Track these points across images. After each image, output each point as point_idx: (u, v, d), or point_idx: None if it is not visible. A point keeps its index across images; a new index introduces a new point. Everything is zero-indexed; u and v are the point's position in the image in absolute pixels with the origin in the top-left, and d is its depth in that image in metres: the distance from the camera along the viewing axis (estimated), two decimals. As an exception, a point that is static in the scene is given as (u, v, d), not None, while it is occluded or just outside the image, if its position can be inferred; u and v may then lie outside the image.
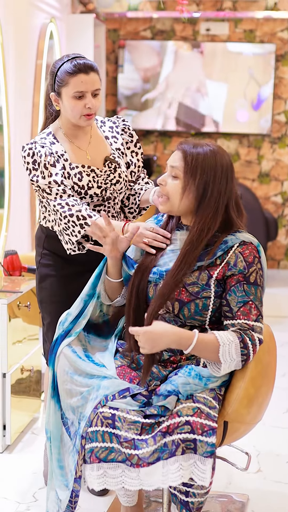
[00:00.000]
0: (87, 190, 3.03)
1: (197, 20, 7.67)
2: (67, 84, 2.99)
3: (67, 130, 3.10)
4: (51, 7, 6.46)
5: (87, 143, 3.12)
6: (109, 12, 7.64)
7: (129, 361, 2.72)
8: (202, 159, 2.63)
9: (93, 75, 3.01)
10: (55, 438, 2.72)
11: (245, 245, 2.64)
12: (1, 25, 5.01)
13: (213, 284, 2.62)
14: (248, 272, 2.60)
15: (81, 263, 3.11)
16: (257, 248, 2.67)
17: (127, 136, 3.22)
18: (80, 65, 2.98)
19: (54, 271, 3.18)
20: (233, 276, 2.61)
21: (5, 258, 4.19)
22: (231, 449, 2.88)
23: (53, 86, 3.06)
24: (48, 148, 3.00)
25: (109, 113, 7.87)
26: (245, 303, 2.59)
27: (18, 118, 5.46)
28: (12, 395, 3.67)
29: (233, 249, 2.63)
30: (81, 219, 2.93)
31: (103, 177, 3.07)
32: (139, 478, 2.44)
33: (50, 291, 3.20)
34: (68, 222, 2.95)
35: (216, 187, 2.62)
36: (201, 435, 2.40)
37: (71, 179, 3.02)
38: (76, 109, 3.00)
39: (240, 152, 7.81)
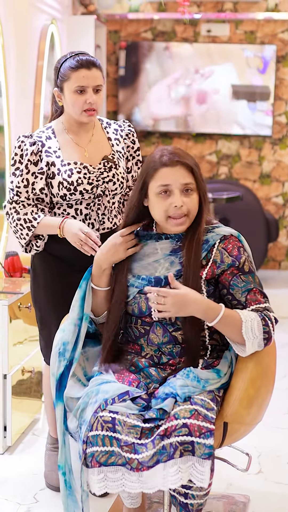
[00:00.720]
0: (76, 186, 3.04)
1: (198, 22, 7.67)
2: (69, 79, 3.03)
3: (69, 126, 3.14)
4: (52, 9, 6.46)
5: (87, 140, 3.14)
6: (110, 13, 7.64)
7: (128, 364, 2.71)
8: (196, 163, 2.65)
9: (95, 71, 3.04)
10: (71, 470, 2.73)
11: (226, 240, 2.65)
12: (2, 26, 5.01)
13: (203, 285, 2.62)
14: (240, 263, 2.62)
15: (71, 261, 3.13)
16: (238, 238, 2.68)
17: (130, 142, 3.24)
18: (83, 61, 3.02)
19: (45, 269, 3.21)
20: (225, 272, 2.62)
21: (5, 259, 4.19)
22: (232, 450, 2.88)
23: (56, 82, 3.11)
24: (39, 145, 3.06)
25: (110, 115, 7.87)
26: (249, 290, 2.61)
27: (18, 119, 5.46)
28: (13, 396, 3.67)
29: (215, 247, 2.64)
30: (28, 222, 3.06)
31: (95, 174, 3.08)
32: (140, 481, 2.43)
33: (40, 288, 3.23)
34: (16, 225, 3.08)
35: (204, 183, 2.67)
36: (199, 437, 2.39)
37: (61, 175, 3.05)
38: (77, 104, 3.04)
39: (241, 153, 7.81)
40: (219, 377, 2.60)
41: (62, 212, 3.11)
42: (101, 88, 3.08)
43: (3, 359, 3.62)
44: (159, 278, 2.65)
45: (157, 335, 2.66)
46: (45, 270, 3.20)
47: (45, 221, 3.06)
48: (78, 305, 2.80)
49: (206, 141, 7.84)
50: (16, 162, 3.09)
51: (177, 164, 2.61)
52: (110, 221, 3.17)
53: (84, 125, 3.13)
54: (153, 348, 2.69)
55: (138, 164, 3.28)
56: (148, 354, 2.69)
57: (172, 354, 2.66)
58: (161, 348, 2.67)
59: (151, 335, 2.67)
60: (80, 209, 3.10)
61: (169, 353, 2.67)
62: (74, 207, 3.10)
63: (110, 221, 3.17)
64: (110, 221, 3.17)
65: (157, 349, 2.68)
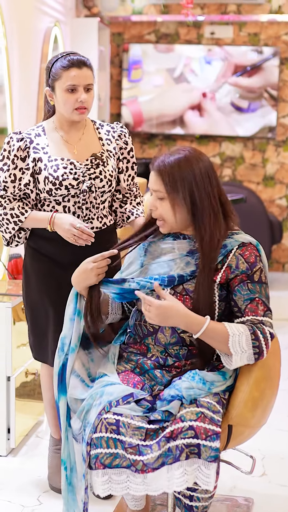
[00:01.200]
0: (61, 181, 3.08)
1: (202, 24, 7.67)
2: (60, 78, 3.08)
3: (60, 124, 3.19)
4: (56, 11, 6.47)
5: (77, 139, 3.19)
6: (114, 15, 7.65)
7: (133, 366, 2.71)
8: (178, 171, 2.60)
9: (86, 70, 3.09)
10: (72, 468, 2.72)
11: (244, 247, 2.63)
12: (6, 29, 5.02)
13: (216, 289, 2.61)
14: (252, 271, 2.60)
15: (60, 259, 3.16)
16: (257, 247, 2.66)
17: (122, 143, 3.26)
18: (74, 60, 3.08)
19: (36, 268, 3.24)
20: (236, 277, 2.60)
21: (9, 261, 4.20)
22: (236, 452, 2.87)
23: (47, 81, 3.16)
24: (27, 141, 3.12)
25: (113, 117, 7.87)
26: (251, 300, 2.58)
27: (22, 121, 5.46)
28: (16, 398, 3.67)
29: (233, 252, 2.62)
30: (15, 217, 3.13)
31: (81, 169, 3.11)
32: (144, 483, 2.43)
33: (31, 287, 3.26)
34: (2, 220, 3.15)
35: (202, 191, 2.60)
36: (205, 439, 2.39)
37: (47, 170, 3.09)
38: (68, 102, 3.09)
39: (244, 155, 7.80)
40: (225, 379, 2.60)
41: (50, 210, 3.15)
42: (92, 87, 3.13)
43: (6, 361, 3.62)
44: (172, 277, 2.65)
45: (165, 335, 2.66)
46: (36, 269, 3.23)
47: (34, 216, 3.13)
48: (73, 302, 2.81)
49: (209, 143, 7.84)
50: (4, 157, 3.14)
51: (152, 169, 2.66)
52: (99, 221, 3.19)
53: (75, 124, 3.18)
54: (160, 349, 2.68)
55: (134, 168, 3.31)
56: (154, 356, 2.68)
57: (179, 356, 2.66)
58: (168, 349, 2.67)
59: (159, 335, 2.67)
60: (68, 206, 3.13)
61: (176, 355, 2.66)
62: (62, 204, 3.13)
63: (100, 221, 3.19)
64: (100, 221, 3.19)
65: (163, 350, 2.68)
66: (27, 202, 3.16)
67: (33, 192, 3.14)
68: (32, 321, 3.28)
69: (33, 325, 3.28)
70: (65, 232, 3.04)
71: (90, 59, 3.20)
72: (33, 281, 3.24)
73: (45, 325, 3.22)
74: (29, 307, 3.27)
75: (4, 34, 4.99)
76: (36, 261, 3.22)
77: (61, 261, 3.15)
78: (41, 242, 3.19)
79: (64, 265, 3.12)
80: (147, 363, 2.67)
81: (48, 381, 3.33)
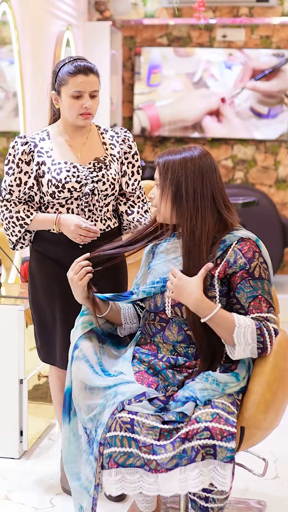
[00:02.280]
0: (64, 184, 3.11)
1: (214, 27, 7.67)
2: (66, 84, 3.11)
3: (64, 129, 3.22)
4: (68, 15, 6.49)
5: (81, 143, 3.21)
6: (126, 19, 7.66)
7: (146, 367, 2.72)
8: (172, 162, 2.69)
9: (92, 77, 3.11)
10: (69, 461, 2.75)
11: (243, 242, 2.66)
12: (18, 32, 5.03)
13: (216, 284, 2.64)
14: (251, 267, 2.62)
15: (65, 262, 3.16)
16: (256, 243, 2.68)
17: (126, 147, 3.27)
18: (81, 67, 3.10)
19: (41, 271, 3.26)
20: (235, 273, 2.63)
21: (22, 265, 4.20)
22: (248, 455, 2.87)
23: (54, 85, 3.18)
24: (32, 145, 3.15)
25: (125, 120, 7.88)
26: (254, 297, 2.61)
27: (35, 125, 5.47)
28: (29, 401, 3.68)
29: (231, 247, 2.65)
30: (20, 220, 3.16)
31: (84, 173, 3.13)
32: (157, 484, 2.44)
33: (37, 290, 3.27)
34: (8, 223, 3.18)
35: (190, 186, 2.67)
36: (221, 440, 2.39)
37: (50, 173, 3.12)
38: (73, 108, 3.11)
39: (256, 158, 7.80)
40: (238, 380, 2.61)
41: (54, 212, 3.18)
42: (97, 93, 3.15)
43: (19, 364, 3.63)
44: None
45: (172, 332, 2.70)
46: (41, 272, 3.25)
47: (39, 218, 3.16)
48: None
49: (221, 146, 7.84)
50: (9, 161, 3.17)
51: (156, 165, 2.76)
52: (102, 223, 3.21)
53: (80, 129, 3.20)
54: (169, 348, 2.71)
55: (140, 172, 3.33)
56: (165, 357, 2.70)
57: (188, 355, 2.68)
58: (176, 348, 2.69)
59: (166, 332, 2.71)
60: (72, 209, 3.15)
61: (185, 354, 2.68)
62: (66, 207, 3.15)
63: (103, 223, 3.21)
64: (103, 223, 3.21)
65: (172, 349, 2.70)
66: (32, 205, 3.20)
67: (37, 195, 3.17)
68: (39, 324, 3.29)
69: (40, 328, 3.29)
70: (71, 233, 3.07)
71: (102, 62, 3.23)
72: (38, 283, 3.26)
73: (52, 327, 3.24)
74: (36, 310, 3.29)
75: (16, 38, 5.01)
76: (41, 263, 3.24)
77: (66, 264, 3.16)
78: (45, 244, 3.21)
79: (69, 267, 3.13)
80: (159, 364, 2.69)
81: (57, 383, 3.34)
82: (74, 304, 3.00)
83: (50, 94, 3.22)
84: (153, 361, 2.71)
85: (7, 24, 4.91)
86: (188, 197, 2.66)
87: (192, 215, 2.66)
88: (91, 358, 2.76)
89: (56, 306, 3.21)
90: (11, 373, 3.64)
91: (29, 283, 3.32)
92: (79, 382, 2.70)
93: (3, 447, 3.67)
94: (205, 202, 2.67)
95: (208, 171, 2.68)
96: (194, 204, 2.66)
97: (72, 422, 2.75)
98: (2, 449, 3.67)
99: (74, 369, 2.74)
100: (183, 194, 2.66)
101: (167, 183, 2.68)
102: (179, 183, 2.67)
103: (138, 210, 3.31)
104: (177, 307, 2.68)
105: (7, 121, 5.22)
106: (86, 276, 2.82)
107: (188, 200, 2.66)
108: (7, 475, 3.50)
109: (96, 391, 2.66)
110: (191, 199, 2.66)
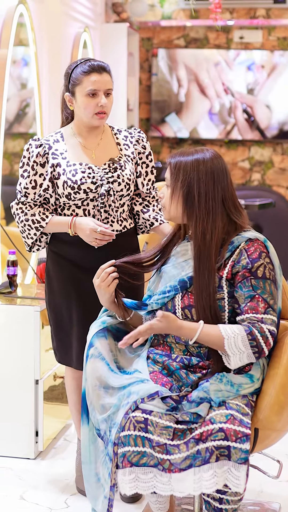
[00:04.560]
0: (80, 185, 3.11)
1: (231, 28, 7.67)
2: (81, 83, 3.13)
3: (78, 130, 3.22)
4: (85, 17, 6.50)
5: (96, 144, 3.22)
6: (143, 21, 7.67)
7: (160, 367, 2.73)
8: (184, 163, 2.69)
9: (106, 75, 3.14)
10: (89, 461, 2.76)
11: (251, 242, 2.66)
12: (35, 34, 5.05)
13: (225, 285, 2.64)
14: (254, 267, 2.62)
15: (82, 263, 3.19)
16: (265, 243, 2.68)
17: (140, 147, 3.28)
18: (94, 66, 3.13)
19: (58, 272, 3.26)
20: (238, 273, 2.64)
21: (38, 265, 4.22)
22: (262, 456, 2.87)
23: (67, 87, 3.19)
24: (46, 147, 3.16)
25: (143, 122, 7.89)
26: (252, 297, 2.60)
27: (51, 127, 5.49)
28: (44, 401, 3.69)
29: (239, 248, 2.65)
30: (36, 222, 3.17)
31: (99, 173, 3.14)
32: (170, 484, 2.45)
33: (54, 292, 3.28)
34: (24, 226, 3.19)
35: (201, 188, 2.67)
36: (235, 441, 2.40)
37: (65, 175, 3.12)
38: (89, 107, 3.12)
39: (273, 160, 7.79)
40: (252, 382, 2.61)
41: (71, 213, 3.18)
42: (111, 92, 3.17)
43: (35, 365, 3.65)
44: (183, 281, 2.71)
45: None
46: (58, 274, 3.25)
47: (54, 221, 3.17)
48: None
49: (238, 148, 7.84)
50: (24, 164, 3.19)
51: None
52: (119, 224, 3.21)
53: (94, 130, 3.21)
54: (182, 348, 2.71)
55: (154, 172, 3.34)
56: (179, 357, 2.70)
57: (201, 355, 2.68)
58: (188, 348, 2.70)
59: None
60: (88, 210, 3.16)
61: (198, 354, 2.69)
62: (82, 208, 3.16)
63: (119, 224, 3.22)
64: (119, 224, 3.22)
65: (185, 349, 2.71)
66: (48, 207, 3.20)
67: (52, 197, 3.18)
68: (55, 325, 3.30)
69: (57, 329, 3.30)
70: (87, 237, 3.08)
71: (119, 64, 3.25)
72: (55, 285, 3.27)
73: (68, 328, 3.25)
74: (52, 311, 3.30)
75: (33, 40, 5.03)
76: (58, 265, 3.25)
77: (83, 265, 3.18)
78: (62, 246, 3.22)
79: (86, 269, 3.15)
80: (172, 364, 2.69)
81: (73, 384, 3.35)
82: (90, 305, 3.01)
83: (64, 96, 3.23)
84: (167, 361, 2.71)
85: (24, 26, 4.93)
86: (199, 199, 2.66)
87: (203, 218, 2.66)
88: (107, 355, 2.77)
89: (73, 307, 3.22)
90: (27, 374, 3.66)
91: (46, 284, 3.33)
92: (94, 380, 2.71)
93: (18, 447, 3.69)
94: (216, 205, 2.67)
95: (219, 175, 2.69)
96: (205, 206, 2.66)
97: (91, 423, 2.76)
98: (18, 449, 3.69)
99: (89, 367, 2.75)
100: (195, 196, 2.67)
101: (178, 184, 2.69)
102: (191, 185, 2.67)
103: (153, 209, 3.32)
104: (187, 309, 2.68)
105: (24, 123, 5.24)
106: (114, 282, 2.82)
107: (200, 202, 2.66)
108: (23, 475, 3.52)
109: (110, 390, 2.67)
110: (203, 201, 2.66)
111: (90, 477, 2.72)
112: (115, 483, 2.53)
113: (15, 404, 3.68)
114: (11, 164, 4.90)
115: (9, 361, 3.68)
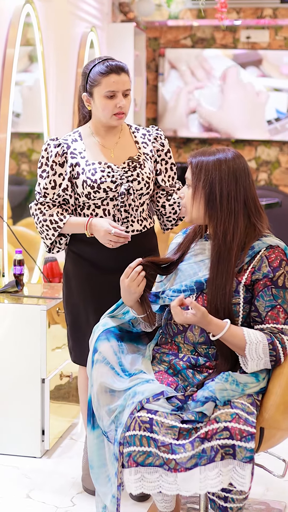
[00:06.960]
0: (99, 184, 3.10)
1: (237, 28, 7.67)
2: (99, 84, 3.09)
3: (96, 130, 3.20)
4: (92, 16, 6.51)
5: (114, 143, 3.21)
6: (150, 20, 7.68)
7: (166, 367, 2.73)
8: (206, 163, 2.67)
9: (124, 76, 3.11)
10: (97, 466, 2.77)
11: (271, 249, 2.65)
12: (42, 34, 5.06)
13: (242, 290, 2.63)
14: (275, 276, 2.61)
15: (100, 263, 3.18)
16: (285, 251, 2.67)
17: (159, 145, 3.27)
18: (112, 66, 3.09)
19: (77, 272, 3.25)
20: (259, 281, 2.62)
21: (45, 265, 4.23)
22: (268, 456, 2.87)
23: (85, 87, 3.17)
24: (65, 146, 3.15)
25: (149, 121, 7.89)
26: (273, 307, 2.60)
27: (58, 126, 5.51)
28: (51, 400, 3.70)
29: (259, 254, 2.64)
30: (54, 223, 3.14)
31: (119, 172, 3.13)
32: (176, 483, 2.45)
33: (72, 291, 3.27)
34: (42, 226, 3.17)
35: (224, 188, 2.65)
36: (240, 440, 2.40)
37: (85, 174, 3.11)
38: (107, 108, 3.10)
39: (280, 160, 7.78)
40: (258, 381, 2.61)
41: (91, 213, 3.16)
42: (129, 92, 3.15)
43: (41, 364, 3.65)
44: (199, 282, 2.69)
45: (194, 333, 2.70)
46: (77, 274, 3.24)
47: (72, 221, 3.14)
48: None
49: (245, 148, 7.84)
50: (42, 164, 3.17)
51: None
52: (139, 223, 3.20)
53: (112, 129, 3.20)
54: (190, 348, 2.71)
55: (174, 168, 3.31)
56: (186, 356, 2.71)
57: (208, 355, 2.68)
58: (197, 348, 2.70)
59: (188, 333, 2.71)
60: (108, 209, 3.14)
61: (205, 355, 2.69)
62: (102, 208, 3.14)
63: (140, 223, 3.20)
64: (140, 223, 3.20)
65: (193, 349, 2.71)
66: (67, 208, 3.18)
67: (72, 197, 3.16)
68: (72, 325, 3.30)
69: (74, 329, 3.30)
70: (101, 238, 3.05)
71: (126, 64, 3.22)
72: (73, 285, 3.26)
73: (85, 329, 3.24)
74: (70, 311, 3.29)
75: (40, 40, 5.04)
76: (78, 265, 3.23)
77: (102, 266, 3.17)
78: (82, 246, 3.20)
79: (106, 269, 3.15)
80: (179, 363, 2.70)
81: (86, 383, 3.35)
82: (107, 305, 3.00)
83: (82, 96, 3.20)
84: (174, 360, 2.72)
85: (31, 25, 4.94)
86: (222, 200, 2.65)
87: (225, 218, 2.64)
88: (111, 359, 2.77)
89: (90, 307, 3.21)
90: (33, 373, 3.66)
91: (64, 284, 3.32)
92: (100, 385, 2.71)
93: (25, 446, 3.69)
94: (238, 205, 2.66)
95: (241, 175, 2.67)
96: (228, 207, 2.65)
97: (96, 429, 2.77)
98: (24, 448, 3.70)
99: (94, 373, 2.75)
100: (217, 196, 2.65)
101: (200, 184, 2.67)
102: (213, 185, 2.65)
103: (177, 196, 3.30)
104: None
105: (31, 122, 5.25)
106: (143, 281, 2.80)
107: (222, 203, 2.65)
108: (29, 474, 3.52)
109: (116, 393, 2.68)
110: (225, 201, 2.65)
111: (99, 479, 2.73)
112: (121, 483, 2.53)
113: (22, 403, 3.69)
114: (18, 164, 4.91)
115: (16, 360, 3.68)
